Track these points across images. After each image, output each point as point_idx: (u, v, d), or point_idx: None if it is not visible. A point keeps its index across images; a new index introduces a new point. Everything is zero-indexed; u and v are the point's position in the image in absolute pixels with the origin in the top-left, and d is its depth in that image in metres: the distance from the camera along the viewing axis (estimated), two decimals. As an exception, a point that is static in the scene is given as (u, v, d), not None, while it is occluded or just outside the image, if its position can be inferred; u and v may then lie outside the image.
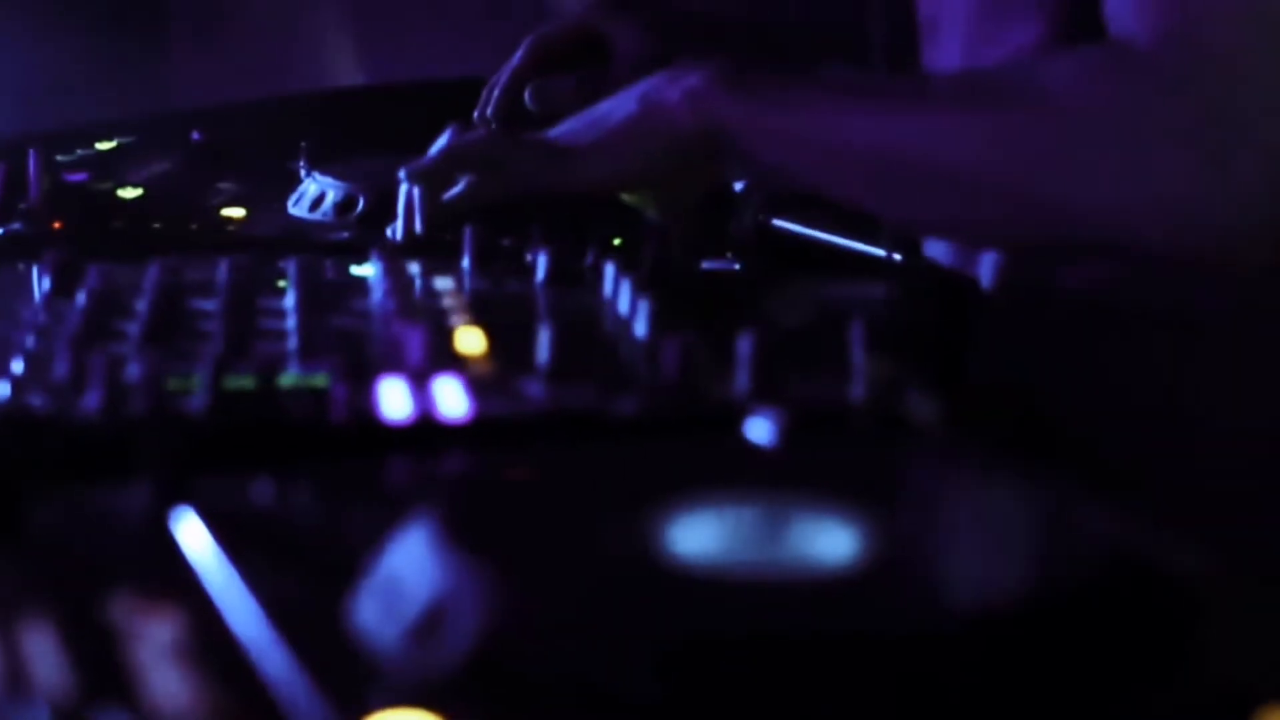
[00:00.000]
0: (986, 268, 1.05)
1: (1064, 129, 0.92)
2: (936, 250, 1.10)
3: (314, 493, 0.65)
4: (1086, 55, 0.94)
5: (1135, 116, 0.91)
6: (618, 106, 1.04)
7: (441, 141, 1.09)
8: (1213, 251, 0.92)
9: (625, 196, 1.08)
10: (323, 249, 1.05)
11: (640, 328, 0.83)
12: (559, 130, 1.06)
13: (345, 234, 1.12)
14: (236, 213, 1.17)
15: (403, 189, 1.06)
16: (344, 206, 1.15)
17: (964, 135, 0.95)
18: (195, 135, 1.37)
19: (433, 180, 1.05)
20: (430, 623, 0.49)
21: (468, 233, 0.98)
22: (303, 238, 1.11)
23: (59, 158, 1.28)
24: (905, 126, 0.96)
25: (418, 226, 1.05)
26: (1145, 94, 0.91)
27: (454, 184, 1.05)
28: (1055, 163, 0.93)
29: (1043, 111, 0.93)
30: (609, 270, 0.91)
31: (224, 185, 1.24)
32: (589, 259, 0.98)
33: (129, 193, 1.23)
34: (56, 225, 1.14)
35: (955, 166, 0.95)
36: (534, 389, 0.74)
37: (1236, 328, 1.00)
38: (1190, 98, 0.90)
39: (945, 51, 1.08)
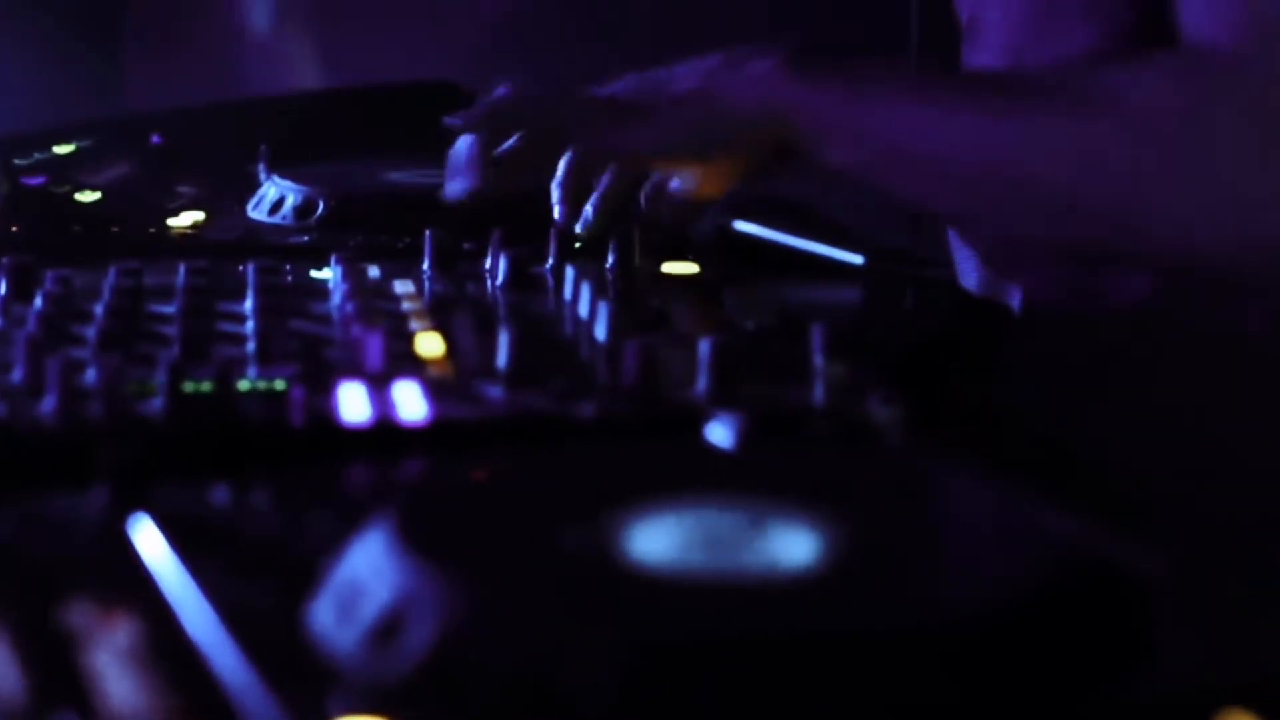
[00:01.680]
0: (1026, 278, 1.02)
1: (1148, 137, 0.88)
2: (968, 276, 1.07)
3: (272, 497, 0.65)
4: (1167, 61, 0.90)
5: (1220, 126, 0.87)
6: (680, 79, 1.01)
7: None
8: None
9: (663, 165, 1.03)
10: (282, 253, 1.05)
11: (600, 331, 0.83)
12: (615, 89, 1.04)
13: (305, 238, 1.11)
14: (195, 216, 1.16)
15: (454, 147, 1.04)
16: (304, 210, 1.14)
17: (1045, 142, 0.91)
18: (154, 139, 1.37)
19: (493, 126, 1.03)
20: (389, 627, 0.49)
21: (428, 236, 0.98)
22: (262, 241, 1.11)
23: (16, 161, 1.27)
24: (983, 131, 0.92)
25: (475, 181, 1.02)
26: (1229, 102, 0.87)
27: (507, 139, 1.03)
28: (1140, 171, 0.89)
29: (1125, 119, 0.89)
30: (569, 273, 0.91)
31: (183, 189, 1.24)
32: (549, 262, 0.98)
33: (87, 196, 1.22)
34: (14, 229, 1.14)
35: (1032, 174, 0.91)
36: (493, 392, 0.74)
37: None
38: (1276, 106, 0.87)
39: (988, 53, 1.04)
